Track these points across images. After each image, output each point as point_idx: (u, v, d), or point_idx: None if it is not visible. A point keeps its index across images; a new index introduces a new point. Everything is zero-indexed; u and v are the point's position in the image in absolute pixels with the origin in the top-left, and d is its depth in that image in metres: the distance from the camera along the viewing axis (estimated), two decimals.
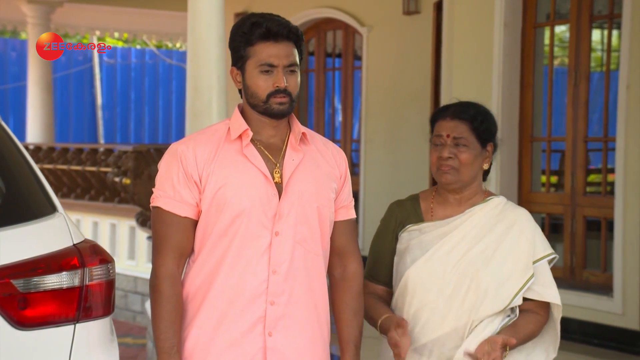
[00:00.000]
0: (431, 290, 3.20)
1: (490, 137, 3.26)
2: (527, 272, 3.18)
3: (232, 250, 2.95)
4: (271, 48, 2.96)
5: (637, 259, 6.99)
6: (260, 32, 2.96)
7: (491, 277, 3.16)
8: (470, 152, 3.21)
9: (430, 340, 3.20)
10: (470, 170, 3.22)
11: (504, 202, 3.29)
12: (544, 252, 3.23)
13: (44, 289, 2.92)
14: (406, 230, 3.30)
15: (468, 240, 3.22)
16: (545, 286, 3.21)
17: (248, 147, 2.98)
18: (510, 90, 7.85)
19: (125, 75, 19.27)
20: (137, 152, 9.05)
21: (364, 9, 10.81)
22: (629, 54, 7.03)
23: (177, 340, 2.94)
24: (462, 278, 3.18)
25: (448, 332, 3.18)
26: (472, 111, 3.25)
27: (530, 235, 3.22)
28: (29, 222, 3.01)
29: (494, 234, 3.22)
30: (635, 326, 7.00)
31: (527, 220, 3.25)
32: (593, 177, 9.07)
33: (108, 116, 19.14)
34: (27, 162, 3.19)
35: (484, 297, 3.15)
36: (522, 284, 3.17)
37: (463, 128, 3.22)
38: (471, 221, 3.24)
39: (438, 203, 3.31)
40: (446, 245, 3.23)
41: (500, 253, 3.19)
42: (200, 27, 6.94)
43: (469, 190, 3.27)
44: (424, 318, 3.20)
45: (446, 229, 3.25)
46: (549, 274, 3.24)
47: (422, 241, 3.26)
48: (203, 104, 6.95)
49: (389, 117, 10.55)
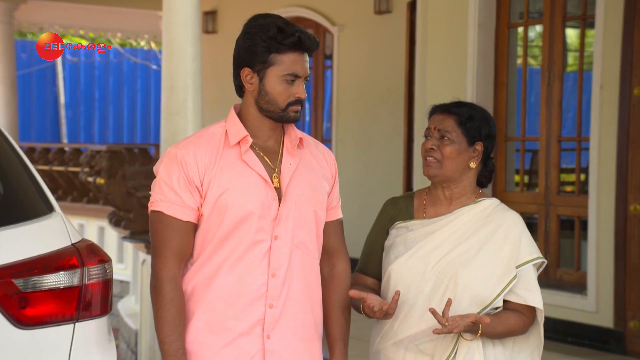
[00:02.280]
0: (411, 287, 3.22)
1: (479, 136, 3.25)
2: (508, 275, 3.17)
3: (233, 254, 2.97)
4: (299, 59, 2.98)
5: (610, 258, 7.06)
6: (292, 41, 2.96)
7: (470, 279, 3.17)
8: (454, 146, 3.22)
9: (407, 336, 3.22)
10: (453, 164, 3.23)
11: (495, 204, 3.28)
12: (529, 257, 3.21)
13: (44, 288, 2.92)
14: (395, 227, 3.33)
15: (452, 241, 3.23)
16: (528, 290, 3.20)
17: (247, 152, 3.01)
18: (485, 90, 7.90)
19: (89, 73, 19.15)
20: (112, 152, 9.00)
21: (335, 8, 10.83)
22: (602, 54, 7.10)
23: (182, 343, 2.95)
24: (441, 277, 3.20)
25: (424, 330, 3.19)
26: (464, 109, 3.26)
27: (514, 239, 3.20)
28: (28, 222, 3.01)
29: (479, 236, 3.22)
30: (609, 324, 7.08)
31: (515, 224, 3.23)
32: (565, 176, 9.14)
33: (71, 115, 19.02)
34: (23, 163, 3.19)
35: (460, 298, 3.16)
36: (502, 287, 3.17)
37: (450, 122, 3.23)
38: (458, 222, 3.25)
39: (430, 201, 3.33)
40: (429, 244, 3.24)
41: (482, 255, 3.19)
42: (176, 27, 6.92)
43: (457, 188, 3.28)
44: (403, 314, 3.23)
45: (432, 228, 3.26)
46: (534, 278, 3.23)
47: (407, 238, 3.27)
48: (179, 103, 6.93)
49: (360, 116, 10.58)
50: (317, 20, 10.99)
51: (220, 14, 12.77)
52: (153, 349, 7.10)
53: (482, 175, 3.32)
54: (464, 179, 3.28)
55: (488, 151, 3.29)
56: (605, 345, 7.08)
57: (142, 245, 7.12)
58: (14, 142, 3.24)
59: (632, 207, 6.96)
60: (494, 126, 3.31)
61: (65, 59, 18.85)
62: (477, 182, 3.33)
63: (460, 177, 3.26)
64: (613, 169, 7.04)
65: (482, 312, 3.16)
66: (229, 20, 12.60)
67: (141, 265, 7.35)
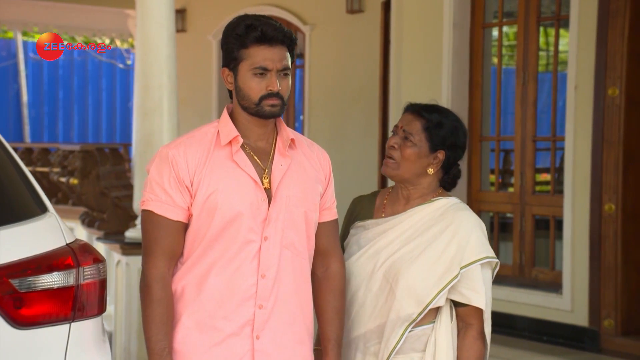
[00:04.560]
0: (360, 286, 3.25)
1: (442, 145, 3.22)
2: (449, 274, 3.15)
3: (223, 255, 2.98)
4: (266, 52, 2.98)
5: (585, 257, 7.12)
6: (255, 35, 2.97)
7: (410, 278, 3.17)
8: (414, 149, 3.21)
9: (357, 335, 3.26)
10: (410, 166, 3.22)
11: (451, 204, 3.25)
12: (475, 257, 3.16)
13: (39, 289, 2.91)
14: (354, 226, 3.36)
15: (401, 240, 3.23)
16: (473, 290, 3.17)
17: (238, 153, 3.01)
18: (460, 90, 7.93)
19: (52, 72, 18.94)
20: (85, 152, 8.93)
21: (307, 7, 10.83)
22: (576, 54, 7.15)
23: (168, 342, 2.97)
24: (387, 276, 3.21)
25: (372, 329, 3.23)
26: (435, 115, 3.23)
27: (461, 239, 3.17)
28: (22, 223, 3.00)
29: (427, 235, 3.21)
30: (584, 322, 7.14)
31: (465, 224, 3.19)
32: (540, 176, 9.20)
33: (34, 114, 18.81)
34: (15, 164, 3.18)
35: (401, 296, 3.17)
36: (441, 287, 3.15)
37: (416, 125, 3.22)
38: (409, 221, 3.25)
39: (390, 200, 3.33)
40: (379, 243, 3.25)
41: (426, 255, 3.18)
42: (151, 26, 6.87)
43: (414, 189, 3.27)
44: (354, 312, 3.26)
45: (385, 227, 3.27)
46: (480, 278, 3.17)
47: (360, 238, 3.30)
48: (154, 102, 6.88)
49: (332, 116, 10.58)
50: (288, 19, 10.97)
51: (190, 13, 12.71)
52: (128, 350, 7.05)
53: (444, 181, 3.30)
54: (422, 182, 3.27)
55: (450, 160, 3.25)
56: (580, 343, 7.14)
57: (116, 246, 7.06)
58: (5, 142, 3.22)
59: (606, 207, 7.02)
60: (463, 137, 3.27)
61: (28, 57, 18.64)
62: (441, 186, 3.31)
63: (418, 180, 3.26)
64: (588, 168, 7.09)
65: (422, 311, 3.16)
66: (198, 19, 12.54)
67: (115, 266, 7.29)
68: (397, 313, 3.17)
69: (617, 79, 6.92)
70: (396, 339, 3.17)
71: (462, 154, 3.28)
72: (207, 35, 12.22)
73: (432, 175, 3.25)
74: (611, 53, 6.95)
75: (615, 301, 6.98)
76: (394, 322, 3.18)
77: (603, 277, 7.04)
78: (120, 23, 14.76)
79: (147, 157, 6.80)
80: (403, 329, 3.17)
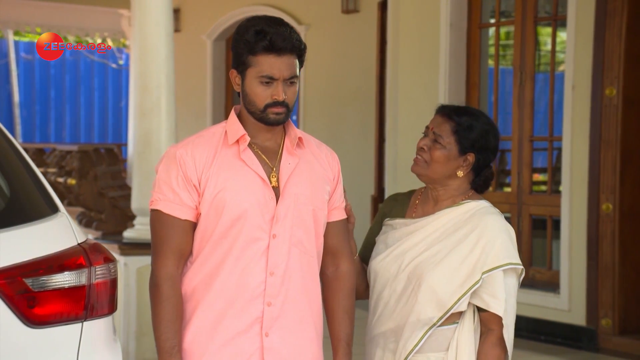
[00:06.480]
0: (385, 286, 3.26)
1: (472, 148, 3.21)
2: (471, 279, 3.15)
3: (231, 253, 2.99)
4: (273, 61, 2.96)
5: (583, 256, 7.14)
6: (263, 44, 2.95)
7: (433, 282, 3.17)
8: (444, 152, 3.21)
9: (379, 332, 3.27)
10: (439, 169, 3.22)
11: (479, 207, 3.23)
12: (498, 263, 3.14)
13: (52, 288, 2.92)
14: (384, 224, 3.36)
15: (427, 242, 3.23)
16: (492, 296, 3.15)
17: (245, 151, 3.02)
18: (457, 90, 7.95)
19: (44, 71, 18.88)
20: (83, 152, 8.92)
21: (302, 7, 10.83)
22: (573, 54, 7.18)
23: (178, 340, 2.98)
24: (411, 278, 3.21)
25: (392, 328, 3.24)
26: (465, 117, 3.22)
27: (486, 244, 3.15)
28: (35, 222, 3.01)
29: (452, 239, 3.20)
30: (581, 322, 7.16)
31: (491, 228, 3.16)
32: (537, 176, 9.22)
33: (26, 114, 18.75)
34: (26, 164, 3.19)
35: (423, 299, 3.17)
36: (462, 292, 3.15)
37: (446, 127, 3.22)
38: (436, 223, 3.25)
39: (422, 200, 3.34)
40: (406, 244, 3.25)
41: (451, 258, 3.18)
42: (149, 25, 6.86)
43: (443, 190, 3.27)
44: (379, 311, 3.27)
45: (412, 228, 3.28)
46: (501, 284, 3.16)
47: (388, 237, 3.30)
48: (152, 102, 6.87)
49: (328, 116, 10.59)
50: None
51: (184, 13, 12.71)
52: (127, 350, 7.04)
53: (475, 183, 3.28)
54: (451, 184, 3.26)
55: (480, 163, 3.23)
56: (577, 343, 7.17)
57: (115, 247, 7.05)
58: (17, 143, 3.23)
59: (604, 206, 7.05)
60: (494, 140, 3.24)
61: (20, 57, 18.59)
62: (473, 188, 3.29)
63: (447, 181, 3.25)
64: (585, 168, 7.12)
65: (443, 316, 3.16)
66: (192, 18, 12.54)
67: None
68: (417, 316, 3.17)
69: (614, 78, 6.95)
70: (415, 342, 3.18)
71: (493, 157, 3.26)
72: (201, 35, 12.22)
73: (461, 177, 3.24)
74: (608, 53, 6.98)
75: (612, 300, 7.01)
76: (414, 324, 3.18)
77: (600, 277, 7.06)
78: (112, 23, 14.74)
79: (145, 156, 6.79)
80: (423, 332, 3.17)
